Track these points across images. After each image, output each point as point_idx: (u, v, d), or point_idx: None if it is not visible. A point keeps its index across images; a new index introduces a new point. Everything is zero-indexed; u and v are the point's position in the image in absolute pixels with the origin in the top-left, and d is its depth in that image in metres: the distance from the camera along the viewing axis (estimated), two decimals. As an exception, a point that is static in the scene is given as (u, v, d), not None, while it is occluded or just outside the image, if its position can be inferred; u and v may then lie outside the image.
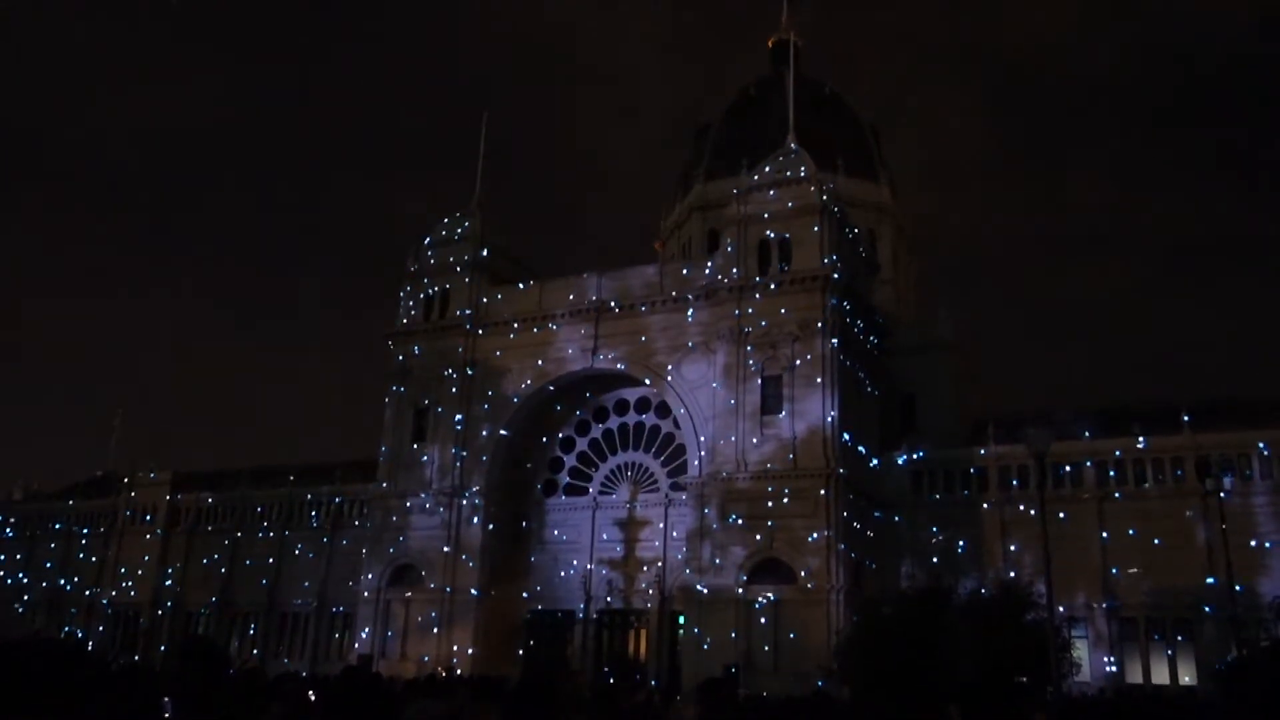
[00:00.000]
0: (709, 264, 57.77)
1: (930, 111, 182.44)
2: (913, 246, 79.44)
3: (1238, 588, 39.38)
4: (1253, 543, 47.23)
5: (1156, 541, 49.21)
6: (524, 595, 59.92)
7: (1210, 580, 46.78)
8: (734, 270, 55.12)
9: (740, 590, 49.52)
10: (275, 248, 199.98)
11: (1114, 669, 48.40)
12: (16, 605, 78.10)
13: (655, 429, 60.81)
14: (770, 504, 49.88)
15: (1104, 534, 50.29)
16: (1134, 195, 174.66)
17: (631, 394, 61.56)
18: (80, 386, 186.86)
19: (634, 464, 60.90)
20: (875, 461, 56.23)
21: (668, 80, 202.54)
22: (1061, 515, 49.59)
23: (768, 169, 57.49)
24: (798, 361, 51.99)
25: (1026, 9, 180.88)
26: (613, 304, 58.51)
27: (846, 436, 52.25)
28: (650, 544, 57.15)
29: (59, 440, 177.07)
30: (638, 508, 58.20)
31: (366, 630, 58.58)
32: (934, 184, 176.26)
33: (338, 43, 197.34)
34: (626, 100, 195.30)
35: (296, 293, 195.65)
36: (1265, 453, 49.23)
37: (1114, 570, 49.68)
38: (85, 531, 79.61)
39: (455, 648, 55.69)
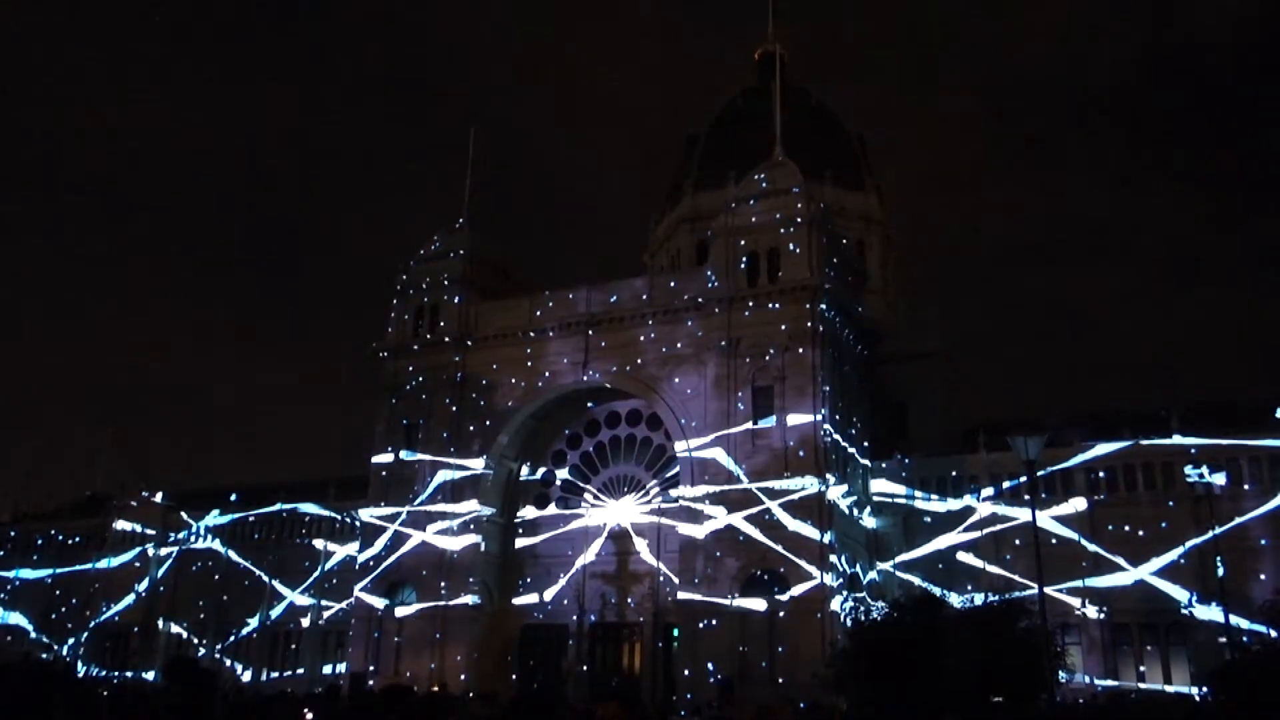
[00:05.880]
0: (698, 276, 57.92)
1: (924, 116, 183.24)
2: (902, 255, 79.74)
3: (1229, 591, 39.49)
4: (1243, 545, 47.28)
5: (1148, 546, 49.30)
6: (518, 610, 59.66)
7: (1201, 583, 46.89)
8: (723, 282, 55.28)
9: (734, 602, 49.47)
10: (263, 260, 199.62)
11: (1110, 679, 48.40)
12: (5, 627, 77.40)
13: (647, 441, 60.77)
14: (763, 515, 49.87)
15: (1096, 539, 50.35)
16: (1128, 199, 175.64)
17: (623, 406, 61.55)
18: (67, 407, 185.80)
19: (626, 476, 60.81)
20: (867, 470, 56.30)
21: (656, 92, 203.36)
22: (1053, 521, 49.82)
23: (755, 181, 57.72)
24: (788, 372, 52.09)
25: (1022, 12, 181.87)
26: (603, 318, 58.57)
27: (838, 446, 52.34)
28: (643, 556, 56.98)
29: (46, 462, 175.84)
30: (631, 520, 58.05)
31: (359, 647, 58.26)
32: (928, 189, 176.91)
33: (329, 50, 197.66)
34: (614, 112, 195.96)
35: (285, 307, 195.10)
36: (1255, 456, 49.36)
37: (1106, 576, 49.70)
38: (75, 552, 78.98)
39: (450, 663, 55.42)
